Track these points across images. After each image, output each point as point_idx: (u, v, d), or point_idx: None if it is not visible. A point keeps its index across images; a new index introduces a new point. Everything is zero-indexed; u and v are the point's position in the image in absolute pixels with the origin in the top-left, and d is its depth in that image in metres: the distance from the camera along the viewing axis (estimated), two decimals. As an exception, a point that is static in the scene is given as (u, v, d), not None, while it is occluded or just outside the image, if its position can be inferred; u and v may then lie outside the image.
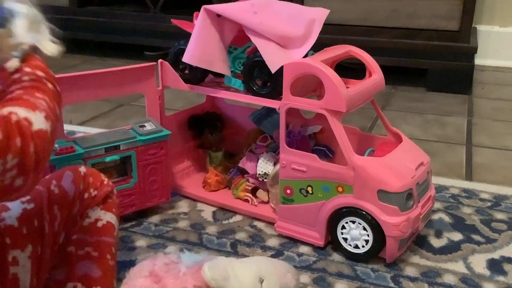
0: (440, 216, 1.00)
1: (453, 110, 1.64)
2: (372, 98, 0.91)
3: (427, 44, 1.77)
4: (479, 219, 0.99)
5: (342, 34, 1.78)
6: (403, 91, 1.84)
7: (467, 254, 0.88)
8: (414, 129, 1.47)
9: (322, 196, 0.85)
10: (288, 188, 0.89)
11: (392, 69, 1.68)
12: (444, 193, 1.09)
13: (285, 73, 0.83)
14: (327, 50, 0.92)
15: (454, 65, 1.78)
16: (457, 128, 1.49)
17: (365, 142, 0.96)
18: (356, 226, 0.83)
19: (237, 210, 1.00)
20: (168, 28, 1.02)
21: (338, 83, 0.79)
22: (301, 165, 0.86)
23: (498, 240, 0.92)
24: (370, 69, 0.91)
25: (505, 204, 1.05)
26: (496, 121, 1.54)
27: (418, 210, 0.82)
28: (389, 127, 0.94)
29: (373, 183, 0.80)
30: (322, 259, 0.87)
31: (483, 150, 1.34)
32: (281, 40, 0.87)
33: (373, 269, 0.84)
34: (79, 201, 0.71)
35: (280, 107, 0.86)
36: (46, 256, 0.67)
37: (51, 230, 0.68)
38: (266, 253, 0.88)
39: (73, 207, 0.70)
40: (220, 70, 0.91)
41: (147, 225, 0.96)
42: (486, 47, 2.16)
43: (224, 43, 0.91)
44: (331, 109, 0.81)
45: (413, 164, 0.84)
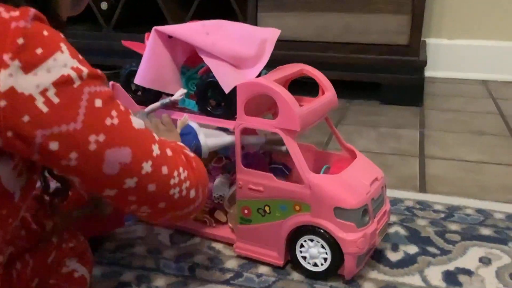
0: (396, 229, 1.02)
1: (406, 123, 1.68)
2: (326, 115, 0.92)
3: (379, 59, 1.82)
4: (433, 230, 1.01)
5: (296, 50, 1.81)
6: (358, 105, 1.88)
7: (423, 267, 0.89)
8: (370, 143, 1.50)
9: (280, 215, 0.85)
10: (246, 208, 0.88)
11: (346, 83, 1.71)
12: (399, 206, 1.11)
13: (238, 94, 0.83)
14: (280, 69, 0.92)
15: (406, 78, 1.83)
16: (410, 141, 1.52)
17: (321, 159, 0.97)
18: (315, 244, 0.83)
19: (195, 232, 0.99)
20: (122, 46, 1.00)
21: (291, 103, 0.80)
22: (257, 184, 0.86)
23: (452, 251, 0.94)
24: (323, 87, 0.92)
25: (458, 214, 1.07)
26: (447, 133, 1.59)
27: (374, 225, 0.83)
28: (343, 143, 0.95)
29: (329, 200, 0.80)
30: (281, 279, 0.86)
31: (436, 161, 1.37)
32: (234, 60, 0.87)
33: (332, 287, 0.84)
34: (55, 251, 0.73)
35: (234, 127, 0.86)
36: None
37: (22, 276, 0.68)
38: (225, 276, 0.87)
39: (48, 256, 0.72)
40: (174, 92, 0.90)
41: (101, 252, 0.93)
42: (436, 60, 2.23)
43: (176, 64, 0.90)
44: (285, 128, 0.81)
45: (368, 180, 0.85)
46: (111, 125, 0.51)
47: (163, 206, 0.58)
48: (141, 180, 0.55)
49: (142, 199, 0.57)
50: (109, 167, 0.52)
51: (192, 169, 0.61)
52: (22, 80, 0.47)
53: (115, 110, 0.53)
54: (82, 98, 0.50)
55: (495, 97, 1.97)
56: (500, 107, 1.84)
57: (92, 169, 0.52)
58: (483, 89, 2.10)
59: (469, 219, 1.05)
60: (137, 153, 0.54)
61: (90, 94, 0.50)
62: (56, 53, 0.49)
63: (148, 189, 0.56)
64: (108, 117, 0.52)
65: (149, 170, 0.55)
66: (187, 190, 0.60)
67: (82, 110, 0.49)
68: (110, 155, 0.51)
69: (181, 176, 0.59)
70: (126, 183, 0.54)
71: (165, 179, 0.57)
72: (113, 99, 0.53)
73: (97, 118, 0.51)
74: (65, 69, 0.49)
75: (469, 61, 2.24)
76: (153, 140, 0.57)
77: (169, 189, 0.58)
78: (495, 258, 0.92)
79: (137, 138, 0.54)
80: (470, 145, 1.48)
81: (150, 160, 0.55)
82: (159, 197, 0.57)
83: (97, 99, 0.51)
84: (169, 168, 0.57)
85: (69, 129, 0.49)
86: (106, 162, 0.52)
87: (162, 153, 0.57)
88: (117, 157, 0.52)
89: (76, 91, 0.49)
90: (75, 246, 0.77)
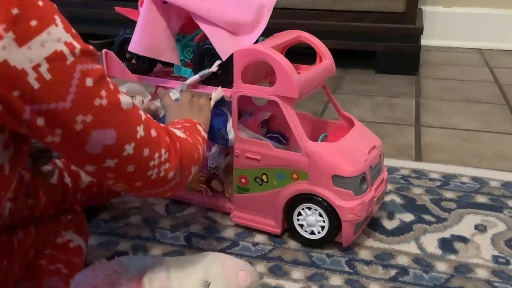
0: (392, 197, 1.02)
1: (401, 92, 1.67)
2: (324, 83, 0.91)
3: (374, 27, 1.80)
4: (429, 199, 1.02)
5: (290, 18, 1.78)
6: (353, 74, 1.86)
7: (419, 235, 0.90)
8: (365, 112, 1.49)
9: (278, 184, 0.85)
10: (243, 177, 0.87)
11: (341, 52, 1.69)
12: (394, 175, 1.11)
13: (235, 61, 0.81)
14: (277, 36, 0.90)
15: (401, 46, 1.81)
16: (405, 110, 1.52)
17: (318, 128, 0.96)
18: (312, 212, 0.83)
19: (191, 202, 0.98)
20: (114, 15, 0.98)
21: (289, 70, 0.78)
22: (255, 153, 0.85)
23: (448, 219, 0.95)
24: (321, 54, 0.91)
25: (453, 182, 1.08)
26: (443, 101, 1.59)
27: (372, 193, 0.83)
28: (341, 112, 0.94)
29: (328, 168, 0.80)
30: (277, 247, 0.86)
31: (431, 130, 1.37)
32: (231, 26, 0.85)
33: (328, 255, 0.84)
34: (54, 222, 0.74)
35: (231, 95, 0.84)
36: (13, 269, 0.67)
37: (22, 246, 0.69)
38: (221, 244, 0.87)
39: (48, 228, 0.73)
40: (169, 59, 0.88)
41: (97, 222, 0.93)
42: (432, 28, 2.21)
43: (171, 31, 0.88)
44: (283, 95, 0.80)
45: (366, 148, 0.85)
46: (99, 106, 0.51)
47: (139, 184, 0.58)
48: (121, 161, 0.55)
49: (119, 177, 0.57)
50: (92, 146, 0.52)
51: (176, 150, 0.61)
52: (16, 53, 0.45)
53: (105, 90, 0.52)
54: (74, 77, 0.48)
55: (490, 65, 1.96)
56: (496, 76, 1.83)
57: (76, 147, 0.52)
58: (479, 57, 2.09)
59: (464, 187, 1.06)
60: (122, 135, 0.53)
61: (82, 73, 0.49)
62: (51, 27, 0.47)
63: (127, 169, 0.56)
64: (98, 97, 0.51)
65: (131, 152, 0.55)
66: (166, 172, 0.59)
67: (73, 89, 0.48)
68: (95, 136, 0.51)
69: (162, 158, 0.58)
70: (106, 162, 0.54)
71: (145, 161, 0.57)
72: (103, 78, 0.52)
73: (86, 99, 0.50)
74: (59, 45, 0.47)
75: (465, 29, 2.22)
76: (139, 121, 0.56)
77: (148, 170, 0.57)
78: (490, 225, 0.93)
79: (123, 120, 0.54)
80: (466, 113, 1.48)
81: (133, 142, 0.55)
82: (137, 177, 0.57)
83: (89, 78, 0.50)
84: (151, 150, 0.57)
85: (58, 107, 0.48)
86: (90, 142, 0.51)
87: (146, 134, 0.57)
88: (102, 138, 0.52)
89: (69, 68, 0.48)
90: (72, 217, 0.76)
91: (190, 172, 0.65)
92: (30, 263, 0.69)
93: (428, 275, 0.80)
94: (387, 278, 0.79)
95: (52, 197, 0.74)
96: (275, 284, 0.78)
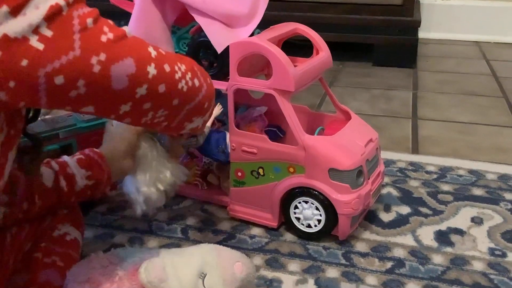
0: (389, 190, 1.02)
1: (398, 84, 1.67)
2: (320, 76, 0.90)
3: (371, 19, 1.79)
4: (426, 191, 1.02)
5: (287, 11, 1.77)
6: (350, 67, 1.86)
7: (415, 227, 0.90)
8: (362, 105, 1.49)
9: (274, 177, 0.84)
10: (239, 171, 0.87)
11: (339, 45, 1.69)
12: (391, 167, 1.11)
13: (231, 53, 0.81)
14: (273, 28, 0.90)
15: (399, 39, 1.80)
16: (403, 102, 1.51)
17: (315, 121, 0.96)
18: (309, 206, 0.83)
19: (187, 195, 0.98)
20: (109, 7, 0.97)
21: (285, 62, 0.78)
22: (251, 146, 0.85)
23: (444, 212, 0.95)
24: (317, 46, 0.90)
25: (450, 175, 1.08)
26: (440, 94, 1.58)
27: (368, 186, 0.83)
28: (337, 104, 0.94)
29: (324, 161, 0.80)
30: (274, 240, 0.86)
31: (428, 123, 1.37)
32: (226, 19, 0.84)
33: (324, 247, 0.84)
34: (51, 216, 0.73)
35: (227, 88, 0.84)
36: (7, 263, 0.66)
37: (17, 239, 0.68)
38: (217, 237, 0.87)
39: (44, 222, 0.73)
40: (164, 51, 0.87)
41: (93, 215, 0.93)
42: (430, 21, 2.20)
43: (166, 23, 0.87)
44: (279, 89, 0.80)
45: (362, 141, 0.85)
46: (107, 41, 0.50)
47: (176, 102, 0.59)
48: (150, 85, 0.55)
49: (156, 103, 0.57)
50: (118, 82, 0.52)
51: (185, 60, 0.62)
52: (13, 24, 0.45)
53: (106, 26, 0.51)
54: (73, 24, 0.48)
55: (488, 58, 1.96)
56: (493, 68, 1.83)
57: (103, 90, 0.51)
58: (476, 50, 2.08)
59: (461, 180, 1.06)
60: (139, 59, 0.53)
61: (80, 17, 0.49)
62: None
63: (159, 90, 0.56)
64: (103, 34, 0.50)
65: (155, 72, 0.55)
66: (192, 80, 0.61)
67: (77, 36, 0.48)
68: (116, 70, 0.51)
69: (182, 69, 0.60)
70: (138, 92, 0.54)
71: (171, 75, 0.58)
72: (99, 16, 0.52)
73: (93, 39, 0.50)
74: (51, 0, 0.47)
75: (463, 22, 2.21)
76: (145, 43, 0.57)
77: (177, 83, 0.59)
78: (487, 218, 0.93)
79: (134, 46, 0.54)
80: (463, 106, 1.48)
81: (152, 63, 0.55)
82: (171, 94, 0.58)
83: (88, 19, 0.49)
84: (170, 64, 0.58)
85: (70, 58, 0.48)
86: (113, 78, 0.51)
87: (158, 52, 0.57)
88: (123, 69, 0.52)
89: (67, 18, 0.48)
90: (69, 211, 0.76)
91: (207, 82, 0.66)
92: (26, 256, 0.69)
93: (424, 267, 0.80)
94: (383, 270, 0.79)
95: (47, 200, 0.73)
96: (272, 277, 0.78)
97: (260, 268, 0.79)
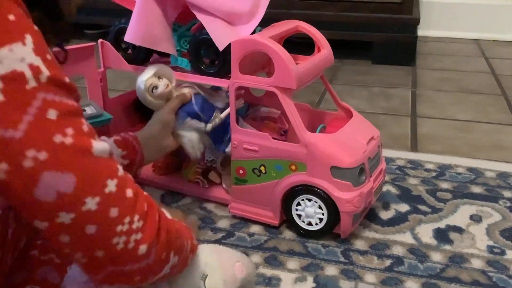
0: (388, 188, 1.02)
1: (398, 82, 1.67)
2: (322, 73, 0.91)
3: (371, 17, 1.79)
4: (425, 189, 1.02)
5: (287, 8, 1.77)
6: (349, 65, 1.86)
7: (414, 225, 0.90)
8: (361, 103, 1.49)
9: (276, 175, 0.85)
10: (241, 169, 0.87)
11: (338, 43, 1.69)
12: (390, 165, 1.11)
13: (233, 51, 0.81)
14: (275, 26, 0.90)
15: (398, 37, 1.81)
16: (402, 100, 1.52)
17: (316, 119, 0.96)
18: (312, 204, 0.83)
19: (187, 193, 0.98)
20: (109, 4, 0.97)
21: (287, 60, 0.78)
22: (253, 144, 0.85)
23: (443, 209, 0.95)
24: (319, 44, 0.90)
25: (449, 173, 1.08)
26: (439, 92, 1.59)
27: (370, 184, 0.84)
28: (339, 102, 0.94)
29: (326, 159, 0.80)
30: (273, 238, 0.87)
31: (427, 121, 1.37)
32: (228, 16, 0.84)
33: (323, 245, 0.85)
34: None
35: (229, 86, 0.84)
36: (6, 260, 0.65)
37: (15, 236, 0.66)
38: (217, 235, 0.87)
39: None
40: (165, 50, 0.87)
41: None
42: (429, 18, 2.20)
43: (168, 21, 0.87)
44: (281, 86, 0.80)
45: (364, 139, 0.85)
46: (60, 144, 0.43)
47: (100, 255, 0.47)
48: (78, 218, 0.45)
49: (76, 242, 0.46)
50: (42, 192, 0.43)
51: (153, 221, 0.50)
52: None
53: (72, 128, 0.44)
54: (32, 104, 0.42)
55: (487, 56, 1.97)
56: (492, 66, 1.83)
57: (23, 189, 0.43)
58: (475, 48, 2.09)
59: (460, 178, 1.06)
60: (83, 184, 0.44)
61: (44, 102, 0.42)
62: (15, 44, 0.41)
63: (86, 230, 0.46)
64: (60, 134, 0.43)
65: (93, 208, 0.45)
66: (136, 243, 0.48)
67: (28, 118, 0.42)
68: (47, 178, 0.43)
69: (133, 225, 0.48)
70: (60, 216, 0.44)
71: (110, 223, 0.47)
72: (75, 116, 0.45)
73: (44, 132, 0.43)
74: (20, 65, 0.41)
75: (462, 19, 2.21)
76: (113, 174, 0.47)
77: (113, 236, 0.47)
78: (485, 215, 0.93)
79: (89, 167, 0.45)
80: (462, 104, 1.48)
81: (98, 196, 0.45)
82: (98, 243, 0.47)
83: (52, 109, 0.43)
84: (121, 211, 0.47)
85: (5, 136, 0.41)
86: (40, 185, 0.43)
87: (118, 191, 0.47)
88: (56, 183, 0.43)
89: (27, 93, 0.42)
90: None
91: (168, 258, 0.53)
92: (22, 254, 0.68)
93: (423, 265, 0.80)
94: (382, 268, 0.79)
95: None
96: (271, 274, 0.78)
97: (259, 266, 0.79)
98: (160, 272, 0.53)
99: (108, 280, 0.51)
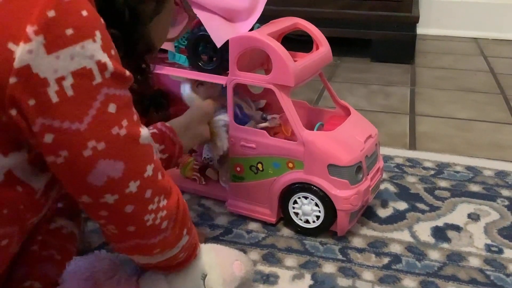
0: (386, 186, 1.02)
1: (396, 80, 1.67)
2: (320, 71, 0.90)
3: (370, 15, 1.79)
4: (423, 187, 1.02)
5: (286, 5, 1.76)
6: (348, 63, 1.86)
7: (412, 223, 0.90)
8: (360, 101, 1.49)
9: (273, 173, 0.84)
10: (238, 166, 0.87)
11: (336, 40, 1.68)
12: (389, 163, 1.11)
13: (231, 48, 0.81)
14: (273, 23, 0.90)
15: (397, 35, 1.80)
16: (400, 98, 1.52)
17: (314, 116, 0.96)
18: (309, 202, 0.83)
19: (185, 190, 0.98)
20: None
21: (285, 57, 0.78)
22: (250, 141, 0.85)
23: (441, 208, 0.95)
24: (317, 41, 0.90)
25: (447, 171, 1.08)
26: (438, 90, 1.59)
27: (367, 182, 0.83)
28: (337, 100, 0.94)
29: (323, 157, 0.80)
30: (271, 235, 0.86)
31: (426, 119, 1.37)
32: (226, 13, 0.84)
33: (321, 242, 0.84)
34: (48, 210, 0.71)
35: (227, 83, 0.84)
36: None
37: None
38: (214, 232, 0.87)
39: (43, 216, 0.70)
40: (163, 46, 0.87)
41: (89, 212, 0.93)
42: (428, 17, 2.20)
43: (166, 17, 0.87)
44: (279, 84, 0.80)
45: (362, 137, 0.85)
46: (116, 135, 0.47)
47: (131, 230, 0.53)
48: (121, 199, 0.50)
49: (113, 217, 0.51)
50: (95, 177, 0.47)
51: (174, 200, 0.55)
52: (41, 60, 0.42)
53: (126, 120, 0.48)
54: (97, 99, 0.45)
55: (486, 54, 1.96)
56: (491, 65, 1.83)
57: (78, 174, 0.47)
58: (474, 46, 2.09)
59: (458, 176, 1.06)
60: (130, 170, 0.49)
61: (106, 96, 0.45)
62: (87, 41, 0.44)
63: (125, 209, 0.50)
64: (117, 126, 0.47)
65: (134, 190, 0.50)
66: (161, 219, 0.54)
67: (92, 112, 0.45)
68: (102, 166, 0.47)
69: (160, 203, 0.53)
70: (105, 197, 0.49)
71: (144, 203, 0.52)
72: (129, 107, 0.49)
73: (105, 125, 0.46)
74: (90, 62, 0.44)
75: (461, 18, 2.21)
76: (151, 159, 0.52)
77: (145, 214, 0.52)
78: (483, 214, 0.93)
79: (136, 155, 0.49)
80: (461, 102, 1.48)
81: (139, 180, 0.50)
82: (132, 219, 0.52)
83: (112, 103, 0.46)
84: (153, 192, 0.52)
85: (71, 127, 0.44)
86: (94, 171, 0.47)
87: (153, 174, 0.52)
88: (108, 169, 0.47)
89: (93, 89, 0.45)
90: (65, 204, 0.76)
91: (181, 235, 0.58)
92: (22, 249, 0.69)
93: (421, 263, 0.80)
94: (380, 266, 0.79)
95: None
96: (268, 272, 0.78)
97: (257, 263, 0.79)
98: (173, 247, 0.58)
99: (129, 250, 0.56)
